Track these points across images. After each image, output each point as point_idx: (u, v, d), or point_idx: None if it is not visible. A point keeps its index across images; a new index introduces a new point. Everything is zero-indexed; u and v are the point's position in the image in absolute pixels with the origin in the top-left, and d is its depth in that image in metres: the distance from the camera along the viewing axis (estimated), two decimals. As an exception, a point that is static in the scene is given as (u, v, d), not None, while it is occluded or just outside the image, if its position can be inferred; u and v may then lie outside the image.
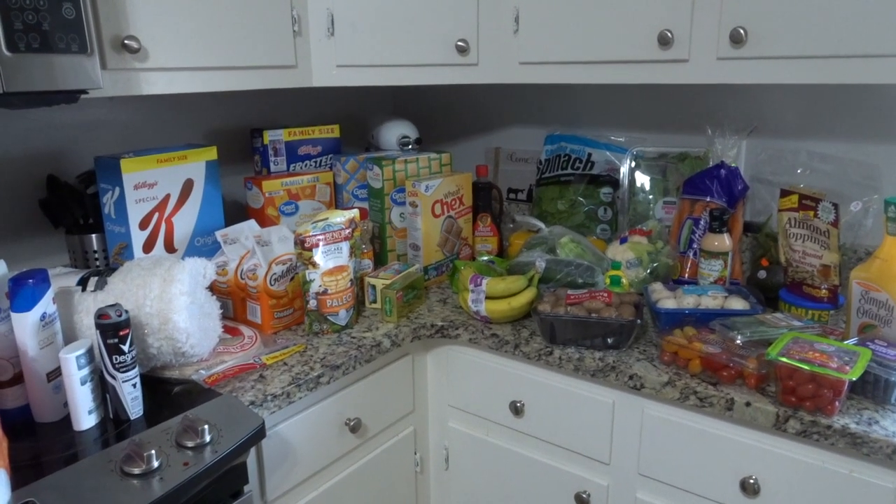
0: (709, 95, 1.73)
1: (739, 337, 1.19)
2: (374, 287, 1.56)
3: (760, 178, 1.65)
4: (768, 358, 1.11)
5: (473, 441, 1.56)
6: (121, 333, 1.04)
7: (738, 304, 1.33)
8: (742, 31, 1.30)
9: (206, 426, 1.02)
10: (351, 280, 1.44)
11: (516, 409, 1.45)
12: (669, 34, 1.38)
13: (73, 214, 1.45)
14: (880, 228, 1.21)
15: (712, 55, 1.36)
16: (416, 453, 1.60)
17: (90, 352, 1.05)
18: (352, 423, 1.37)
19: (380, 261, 1.76)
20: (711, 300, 1.35)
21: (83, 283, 1.17)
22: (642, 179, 1.80)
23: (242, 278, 1.42)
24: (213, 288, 1.34)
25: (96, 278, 1.17)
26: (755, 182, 1.65)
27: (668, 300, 1.37)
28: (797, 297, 1.43)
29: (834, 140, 1.58)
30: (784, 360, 1.09)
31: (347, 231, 1.43)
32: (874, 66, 1.20)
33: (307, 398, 1.27)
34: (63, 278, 1.20)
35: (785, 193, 1.46)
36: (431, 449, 1.65)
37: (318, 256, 1.38)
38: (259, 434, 1.09)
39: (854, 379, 1.04)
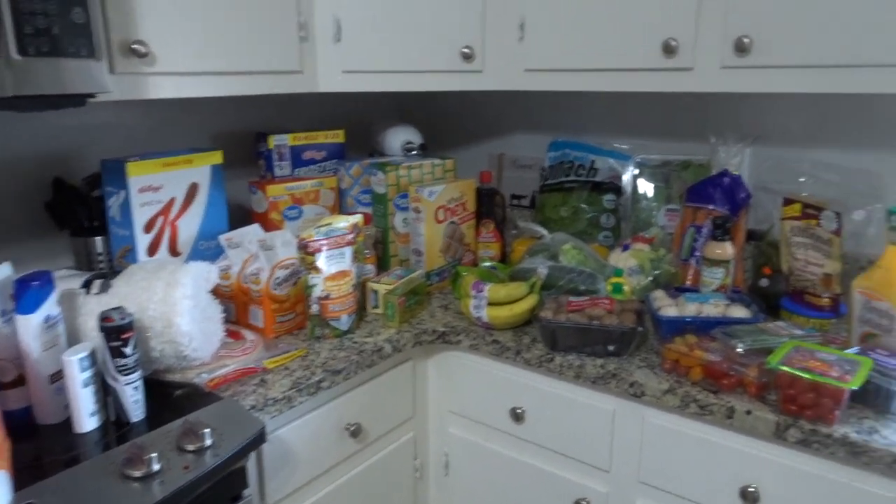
0: (712, 103, 1.73)
1: (740, 345, 1.19)
2: (376, 292, 1.56)
3: (764, 187, 1.65)
4: (769, 366, 1.11)
5: (473, 447, 1.56)
6: (123, 336, 1.04)
7: (739, 312, 1.33)
8: (746, 40, 1.30)
9: (207, 430, 1.03)
10: (353, 285, 1.45)
11: (517, 416, 1.45)
12: (674, 42, 1.38)
13: (79, 217, 1.46)
14: (883, 237, 1.21)
15: (716, 64, 1.36)
16: (416, 459, 1.60)
17: (93, 354, 1.05)
18: (352, 428, 1.38)
19: (382, 266, 1.76)
20: (713, 308, 1.35)
21: (87, 285, 1.18)
22: (645, 187, 1.81)
23: (245, 282, 1.42)
24: (215, 291, 1.35)
25: (100, 281, 1.18)
26: (758, 190, 1.65)
27: (669, 308, 1.37)
28: (799, 306, 1.43)
29: (838, 149, 1.58)
30: (785, 368, 1.09)
31: (350, 236, 1.43)
32: (879, 76, 1.20)
33: (308, 403, 1.28)
34: (67, 280, 1.21)
35: (788, 202, 1.46)
36: (431, 455, 1.65)
37: (321, 261, 1.38)
38: (259, 438, 1.10)
39: (855, 388, 1.04)
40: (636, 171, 1.82)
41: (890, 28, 1.17)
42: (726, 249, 1.46)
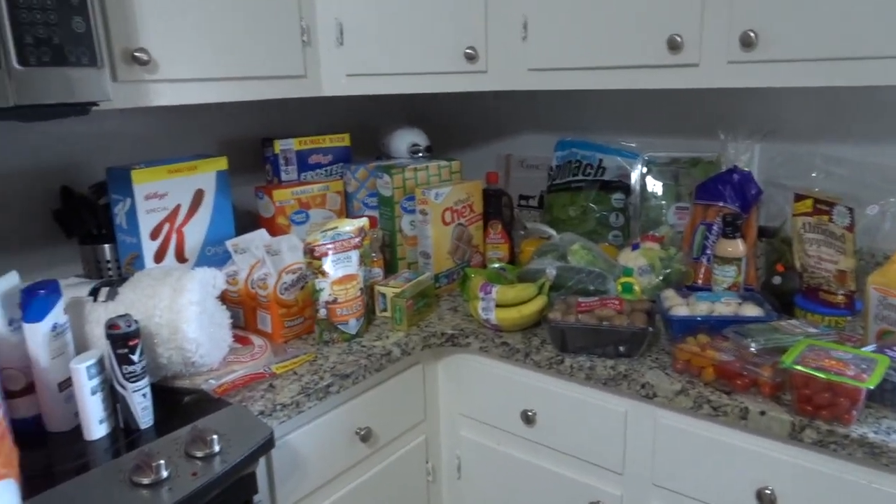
0: (721, 99, 1.71)
1: (753, 344, 1.17)
2: (384, 295, 1.56)
3: (775, 182, 1.63)
4: (783, 366, 1.09)
5: (485, 450, 1.55)
6: (130, 343, 1.04)
7: (752, 310, 1.31)
8: (752, 35, 1.28)
9: (215, 436, 1.02)
10: (360, 289, 1.44)
11: (528, 418, 1.43)
12: (679, 38, 1.37)
13: (86, 225, 1.46)
14: (897, 233, 1.18)
15: (723, 59, 1.34)
16: (427, 462, 1.59)
17: (101, 362, 1.06)
18: (363, 433, 1.37)
19: (390, 269, 1.76)
20: (725, 307, 1.33)
21: (94, 293, 1.18)
22: (654, 185, 1.79)
23: (253, 287, 1.42)
24: (223, 297, 1.34)
25: (107, 289, 1.18)
26: (769, 186, 1.63)
27: (680, 307, 1.35)
28: (813, 304, 1.41)
29: (849, 143, 1.55)
30: (799, 368, 1.07)
31: (357, 240, 1.43)
32: (888, 68, 1.18)
33: (317, 407, 1.27)
34: (75, 288, 1.21)
35: (799, 198, 1.43)
36: (443, 458, 1.64)
37: (328, 265, 1.38)
38: (268, 444, 1.09)
39: (872, 387, 1.02)
40: (644, 170, 1.80)
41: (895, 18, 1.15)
42: (737, 247, 1.44)
